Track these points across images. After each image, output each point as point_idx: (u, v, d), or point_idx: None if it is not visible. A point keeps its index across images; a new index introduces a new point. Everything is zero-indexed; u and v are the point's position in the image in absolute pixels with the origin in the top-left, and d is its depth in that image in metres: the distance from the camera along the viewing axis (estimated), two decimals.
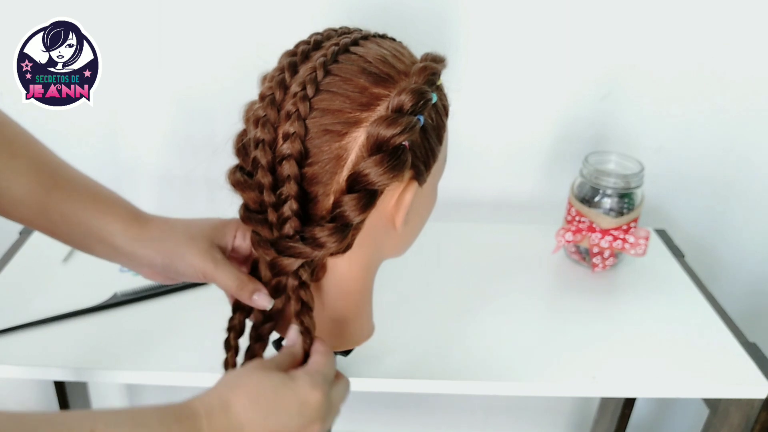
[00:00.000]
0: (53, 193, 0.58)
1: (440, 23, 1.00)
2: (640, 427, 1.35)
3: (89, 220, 0.58)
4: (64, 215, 0.58)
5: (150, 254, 0.58)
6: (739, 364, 0.78)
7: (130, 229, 0.59)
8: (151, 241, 0.59)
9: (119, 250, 0.59)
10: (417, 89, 0.51)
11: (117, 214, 0.59)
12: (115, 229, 0.58)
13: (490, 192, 1.14)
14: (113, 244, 0.59)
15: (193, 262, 0.58)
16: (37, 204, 0.57)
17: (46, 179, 0.58)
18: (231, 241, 0.61)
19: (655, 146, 1.09)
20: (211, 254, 0.58)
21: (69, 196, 0.58)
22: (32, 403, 1.26)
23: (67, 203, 0.58)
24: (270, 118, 0.52)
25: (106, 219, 0.59)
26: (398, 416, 1.36)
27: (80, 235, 0.59)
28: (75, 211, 0.58)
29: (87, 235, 0.59)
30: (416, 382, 0.74)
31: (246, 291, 0.57)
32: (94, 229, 0.58)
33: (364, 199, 0.51)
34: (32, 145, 0.60)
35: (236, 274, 0.57)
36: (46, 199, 0.58)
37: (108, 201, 0.60)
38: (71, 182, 0.60)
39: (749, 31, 1.01)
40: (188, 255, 0.58)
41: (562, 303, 0.89)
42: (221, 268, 0.57)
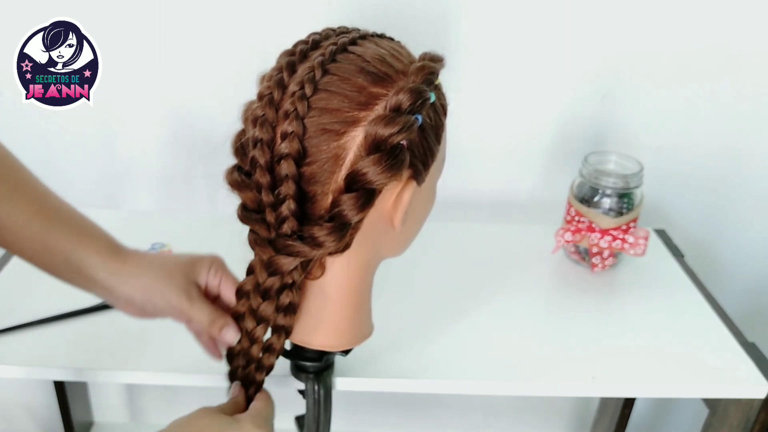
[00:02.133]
0: (35, 220, 0.58)
1: (439, 23, 1.00)
2: (640, 427, 1.35)
3: (70, 251, 0.59)
4: (45, 244, 0.58)
5: (128, 291, 0.59)
6: (739, 364, 0.78)
7: (109, 262, 0.59)
8: (130, 276, 0.59)
9: (98, 283, 0.59)
10: (415, 88, 0.51)
11: (98, 246, 0.60)
12: (94, 261, 0.59)
13: (489, 192, 1.14)
14: (92, 276, 0.59)
15: (170, 298, 0.59)
16: (18, 230, 0.58)
17: (29, 206, 0.58)
18: (205, 278, 0.62)
19: (655, 146, 1.09)
20: (187, 291, 0.60)
21: (52, 225, 0.59)
22: (32, 403, 1.27)
23: (50, 233, 0.58)
24: (268, 118, 0.52)
25: (87, 251, 0.59)
26: (398, 416, 1.36)
27: (59, 265, 0.59)
28: (56, 241, 0.58)
29: (66, 266, 0.59)
30: (416, 382, 0.74)
31: (216, 326, 0.59)
32: (74, 261, 0.59)
33: (363, 198, 0.51)
34: (17, 170, 0.60)
35: (209, 311, 0.60)
36: (27, 226, 0.58)
37: (90, 233, 0.61)
38: (55, 211, 0.60)
39: (749, 31, 1.01)
40: (166, 291, 0.59)
41: (561, 303, 0.89)
42: (196, 305, 0.60)
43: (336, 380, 0.71)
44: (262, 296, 0.56)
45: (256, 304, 0.57)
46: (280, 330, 0.58)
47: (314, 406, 0.67)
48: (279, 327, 0.58)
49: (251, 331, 0.59)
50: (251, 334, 0.59)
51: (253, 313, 0.58)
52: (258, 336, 0.59)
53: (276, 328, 0.58)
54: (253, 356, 0.60)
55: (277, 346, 0.59)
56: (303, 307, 0.60)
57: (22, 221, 0.57)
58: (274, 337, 0.59)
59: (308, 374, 0.66)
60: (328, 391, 0.67)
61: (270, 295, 0.56)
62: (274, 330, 0.59)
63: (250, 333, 0.59)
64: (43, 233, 0.58)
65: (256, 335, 0.59)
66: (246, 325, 0.59)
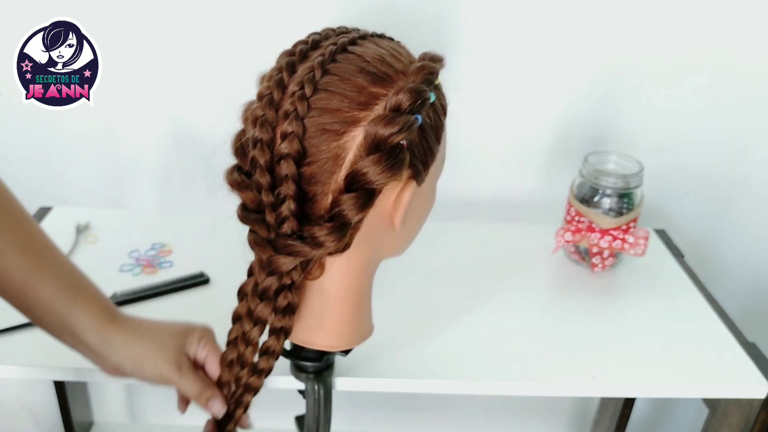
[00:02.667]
0: (34, 276, 0.57)
1: (439, 23, 1.00)
2: (640, 427, 1.35)
3: (64, 311, 0.58)
4: (40, 301, 0.57)
5: (118, 359, 0.60)
6: (739, 364, 0.78)
7: (103, 328, 0.59)
8: (122, 346, 0.59)
9: (89, 347, 0.59)
10: (415, 88, 0.51)
11: (93, 310, 0.59)
12: (88, 325, 0.58)
13: (489, 192, 1.14)
14: (84, 340, 0.59)
15: (161, 370, 0.60)
16: (15, 283, 0.57)
17: (30, 260, 0.57)
18: (195, 350, 0.63)
19: (655, 146, 1.09)
20: (177, 363, 0.61)
21: (50, 282, 0.58)
22: (32, 403, 1.27)
23: (47, 290, 0.57)
24: (268, 118, 0.52)
25: (82, 314, 0.58)
26: (398, 416, 1.36)
27: (51, 323, 0.59)
28: (52, 300, 0.58)
29: (58, 325, 0.59)
30: (416, 382, 0.74)
31: (203, 398, 0.61)
32: (67, 321, 0.58)
33: (363, 198, 0.51)
34: (23, 221, 0.59)
35: (197, 384, 0.61)
36: (25, 281, 0.57)
37: (86, 294, 0.60)
38: (54, 269, 0.59)
39: (749, 31, 1.01)
40: (158, 362, 0.60)
41: (561, 303, 0.89)
42: (185, 377, 0.61)
43: (336, 380, 0.71)
44: (260, 297, 0.56)
45: (253, 305, 0.57)
46: (279, 331, 0.58)
47: (314, 406, 0.67)
48: (278, 328, 0.58)
49: (247, 333, 0.58)
50: (247, 336, 0.58)
51: (250, 314, 0.58)
52: (253, 338, 0.58)
53: (275, 330, 0.58)
54: (247, 360, 0.59)
55: (276, 348, 0.59)
56: (303, 308, 0.60)
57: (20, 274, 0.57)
58: (272, 338, 0.58)
59: (308, 374, 0.67)
60: (328, 391, 0.67)
61: (267, 295, 0.56)
62: (273, 332, 0.58)
63: (245, 335, 0.58)
64: (39, 290, 0.57)
65: (251, 337, 0.58)
66: (243, 326, 0.58)
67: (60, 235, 0.95)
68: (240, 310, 0.60)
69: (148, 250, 0.94)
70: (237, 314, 0.60)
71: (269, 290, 0.55)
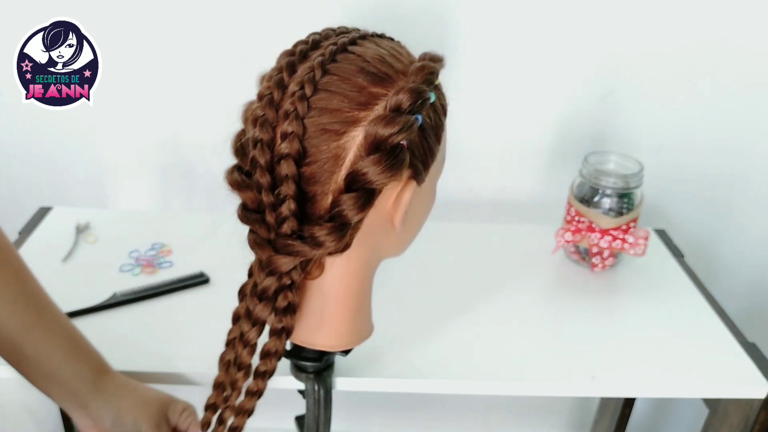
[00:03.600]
0: (35, 330, 0.59)
1: (439, 23, 1.00)
2: (639, 427, 1.35)
3: (60, 363, 0.60)
4: (37, 353, 0.59)
5: (104, 408, 0.61)
6: (739, 364, 0.78)
7: (98, 379, 0.61)
8: (111, 397, 0.61)
9: (76, 397, 0.60)
10: (415, 88, 0.51)
11: (91, 362, 0.62)
12: (82, 376, 0.60)
13: (489, 192, 1.14)
14: (73, 389, 0.60)
15: (140, 426, 0.61)
16: (14, 336, 0.58)
17: (31, 315, 0.59)
18: (176, 419, 0.64)
19: (655, 146, 1.09)
20: (158, 423, 0.62)
21: (51, 336, 0.60)
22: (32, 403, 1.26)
23: (44, 343, 0.59)
24: (268, 118, 0.52)
25: (79, 365, 0.60)
26: (398, 416, 1.36)
27: (43, 375, 0.60)
28: (50, 353, 0.59)
29: (51, 377, 0.60)
30: (416, 382, 0.74)
31: None
32: (61, 373, 0.60)
33: (363, 198, 0.51)
34: (23, 276, 0.61)
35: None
36: (24, 334, 0.58)
37: (83, 348, 0.62)
38: (53, 323, 0.61)
39: (749, 31, 1.01)
40: (139, 418, 0.61)
41: (561, 303, 0.89)
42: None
43: (336, 380, 0.71)
44: (259, 297, 0.56)
45: (252, 305, 0.57)
46: (280, 332, 0.57)
47: (314, 406, 0.67)
48: (278, 329, 0.58)
49: (246, 333, 0.58)
50: (245, 337, 0.58)
51: (248, 314, 0.57)
52: (251, 339, 0.58)
53: (275, 331, 0.58)
54: (244, 362, 0.59)
55: (278, 348, 0.58)
56: (303, 308, 0.60)
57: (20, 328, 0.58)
58: (273, 339, 0.58)
59: (308, 374, 0.67)
60: (328, 391, 0.67)
61: (267, 296, 0.55)
62: (274, 332, 0.58)
63: (243, 335, 0.58)
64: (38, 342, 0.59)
65: (249, 338, 0.58)
66: (242, 327, 0.58)
67: (60, 235, 0.95)
68: (240, 311, 0.60)
69: (148, 250, 0.94)
70: (237, 314, 0.60)
71: (268, 290, 0.55)
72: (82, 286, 0.86)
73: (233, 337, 0.60)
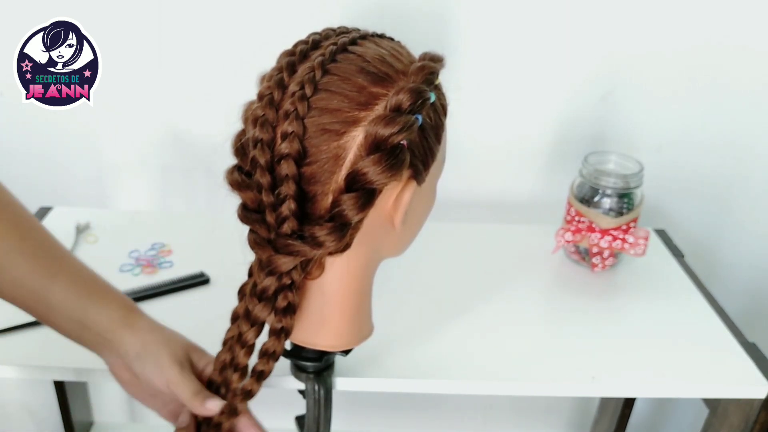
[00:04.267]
0: (58, 278, 0.59)
1: (439, 23, 1.00)
2: (639, 427, 1.35)
3: (87, 306, 0.60)
4: (63, 300, 0.59)
5: (130, 341, 0.60)
6: (739, 364, 0.78)
7: (126, 317, 0.61)
8: (137, 330, 0.61)
9: (104, 335, 0.60)
10: (415, 88, 0.51)
11: (116, 302, 0.62)
12: (110, 315, 0.60)
13: (489, 192, 1.14)
14: (103, 329, 0.60)
15: (162, 363, 0.60)
16: (38, 288, 0.59)
17: (51, 264, 0.60)
18: (203, 366, 0.63)
19: (655, 146, 1.09)
20: (180, 362, 0.61)
21: (74, 282, 0.60)
22: (32, 403, 1.27)
23: (69, 290, 0.60)
24: (268, 118, 0.52)
25: (106, 306, 0.61)
26: (398, 416, 1.36)
27: (72, 321, 0.60)
28: (75, 298, 0.60)
29: (80, 322, 0.60)
30: (416, 382, 0.74)
31: (199, 397, 0.59)
32: (90, 316, 0.60)
33: (363, 198, 0.51)
34: (39, 229, 0.62)
35: (196, 384, 0.60)
36: (48, 284, 0.59)
37: (107, 291, 0.63)
38: (76, 270, 0.62)
39: (749, 31, 1.01)
40: (162, 355, 0.60)
41: (561, 303, 0.89)
42: (185, 376, 0.60)
43: (336, 380, 0.71)
44: (258, 297, 0.56)
45: (251, 305, 0.57)
46: (279, 332, 0.57)
47: (314, 406, 0.67)
48: (278, 329, 0.58)
49: (244, 333, 0.58)
50: (242, 337, 0.58)
51: (247, 314, 0.57)
52: (249, 340, 0.57)
53: (275, 331, 0.58)
54: (240, 362, 0.58)
55: (277, 349, 0.58)
56: (303, 308, 0.60)
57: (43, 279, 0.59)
58: (272, 339, 0.58)
59: (308, 374, 0.66)
60: (328, 391, 0.67)
61: (266, 296, 0.55)
62: (273, 332, 0.58)
63: (241, 336, 0.58)
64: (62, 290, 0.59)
65: (247, 338, 0.57)
66: (240, 327, 0.58)
67: (60, 235, 0.93)
68: (238, 310, 0.60)
69: (148, 250, 0.94)
70: (235, 314, 0.60)
71: (268, 290, 0.55)
72: None
73: (230, 336, 0.60)
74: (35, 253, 0.59)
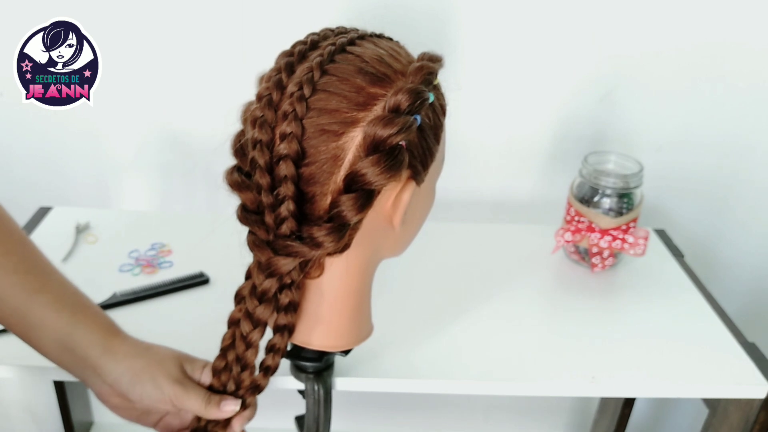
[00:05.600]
0: (40, 296, 0.58)
1: (438, 23, 1.00)
2: (639, 427, 1.35)
3: (68, 327, 0.58)
4: (44, 319, 0.58)
5: (118, 370, 0.59)
6: (739, 364, 0.78)
7: (106, 340, 0.59)
8: (125, 357, 0.59)
9: (87, 361, 0.59)
10: (414, 89, 0.51)
11: (97, 324, 0.60)
12: (91, 339, 0.59)
13: (489, 192, 1.14)
14: (84, 354, 0.58)
15: (161, 384, 0.59)
16: (18, 304, 0.57)
17: (33, 281, 0.58)
18: (199, 376, 0.62)
19: (655, 146, 1.09)
20: (180, 380, 0.60)
21: (55, 301, 0.59)
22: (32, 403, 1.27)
23: (50, 309, 0.58)
24: (267, 119, 0.52)
25: (85, 328, 0.59)
26: (398, 416, 1.36)
27: (52, 342, 0.59)
28: (56, 318, 0.58)
29: (60, 343, 0.59)
30: (416, 382, 0.74)
31: (213, 404, 0.59)
32: (71, 337, 0.58)
33: (362, 198, 0.51)
34: (26, 245, 0.61)
35: (203, 394, 0.60)
36: (28, 302, 0.58)
37: (89, 311, 0.61)
38: (58, 289, 0.60)
39: (749, 31, 1.01)
40: (158, 377, 0.59)
41: (561, 303, 0.89)
42: (189, 391, 0.59)
43: (336, 380, 0.71)
44: (259, 299, 0.56)
45: (252, 307, 0.57)
46: (282, 329, 0.58)
47: (314, 406, 0.67)
48: (281, 326, 0.58)
49: (247, 335, 0.58)
50: (247, 338, 0.58)
51: (249, 316, 0.57)
52: (253, 340, 0.58)
53: (278, 327, 0.58)
54: (249, 362, 0.59)
55: (281, 345, 0.59)
56: (303, 308, 0.60)
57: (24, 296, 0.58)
58: (277, 336, 0.58)
59: (308, 374, 0.67)
60: (328, 391, 0.67)
61: (267, 297, 0.56)
62: (277, 329, 0.58)
63: (245, 337, 0.58)
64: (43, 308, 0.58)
65: (251, 339, 0.58)
66: (242, 329, 0.58)
67: (60, 235, 0.95)
68: (236, 315, 0.59)
69: (148, 250, 0.94)
70: (233, 319, 0.60)
71: (269, 292, 0.55)
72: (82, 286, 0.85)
73: (230, 341, 0.60)
74: (17, 269, 0.58)
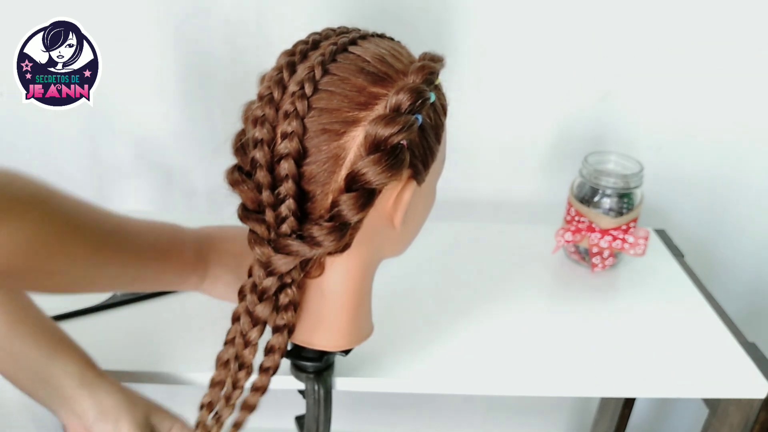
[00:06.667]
0: (18, 328, 0.58)
1: (439, 23, 1.00)
2: (639, 427, 1.35)
3: (45, 359, 0.59)
4: (16, 353, 0.58)
5: (86, 405, 0.59)
6: (739, 364, 0.78)
7: (82, 376, 0.60)
8: (94, 391, 0.60)
9: (61, 393, 0.59)
10: (415, 88, 0.51)
11: (73, 358, 0.60)
12: (66, 371, 0.59)
13: (489, 192, 1.14)
14: (58, 385, 0.59)
15: (121, 428, 0.59)
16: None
17: (13, 314, 0.59)
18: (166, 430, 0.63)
19: (655, 146, 1.09)
20: (140, 427, 0.60)
21: (34, 333, 0.59)
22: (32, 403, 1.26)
23: (30, 342, 0.58)
24: (268, 118, 0.52)
25: (62, 362, 0.59)
26: (398, 416, 1.36)
27: (28, 374, 0.59)
28: (34, 350, 0.58)
29: (35, 375, 0.59)
30: (416, 382, 0.74)
31: None
32: (46, 369, 0.58)
33: (362, 198, 0.51)
34: None
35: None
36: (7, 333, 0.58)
37: (66, 345, 0.61)
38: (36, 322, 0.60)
39: (749, 30, 1.01)
40: (122, 420, 0.59)
41: (561, 303, 0.89)
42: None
43: (336, 380, 0.71)
44: (259, 297, 0.56)
45: (252, 305, 0.57)
46: (282, 329, 0.58)
47: (314, 406, 0.67)
48: (281, 326, 0.58)
49: (246, 333, 0.58)
50: (246, 336, 0.58)
51: (249, 314, 0.57)
52: (252, 339, 0.58)
53: (278, 327, 0.58)
54: (246, 361, 0.59)
55: (281, 345, 0.58)
56: (303, 307, 0.60)
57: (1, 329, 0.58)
58: (276, 336, 0.58)
59: (308, 374, 0.66)
60: (328, 391, 0.67)
61: (267, 296, 0.56)
62: (276, 329, 0.58)
63: (245, 335, 0.58)
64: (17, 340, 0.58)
65: (250, 338, 0.58)
66: (242, 327, 0.58)
67: None
68: (239, 311, 0.60)
69: None
70: (236, 314, 0.60)
71: (269, 290, 0.55)
72: None
73: (233, 336, 0.60)
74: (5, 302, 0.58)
